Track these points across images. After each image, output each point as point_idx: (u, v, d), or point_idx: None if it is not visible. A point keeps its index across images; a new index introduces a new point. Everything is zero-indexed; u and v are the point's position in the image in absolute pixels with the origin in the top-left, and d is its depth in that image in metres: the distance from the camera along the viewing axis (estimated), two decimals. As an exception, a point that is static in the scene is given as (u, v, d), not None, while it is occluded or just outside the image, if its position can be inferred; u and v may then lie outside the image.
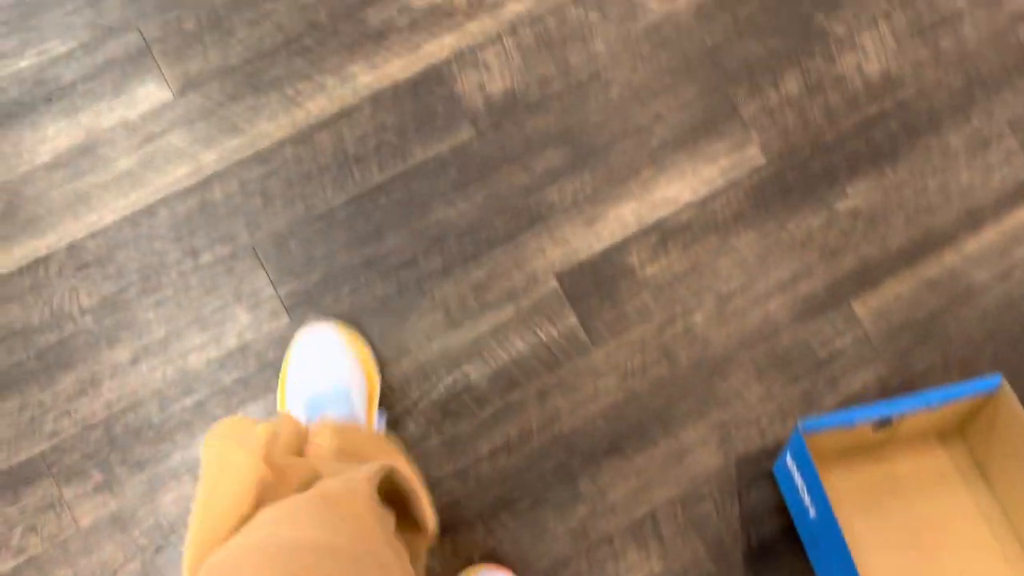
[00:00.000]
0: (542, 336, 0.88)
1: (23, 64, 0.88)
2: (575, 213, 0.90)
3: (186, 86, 0.89)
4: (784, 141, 0.93)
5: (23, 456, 0.83)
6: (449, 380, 0.87)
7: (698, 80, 0.93)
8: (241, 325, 0.86)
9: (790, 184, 0.92)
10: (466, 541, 0.83)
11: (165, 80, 0.89)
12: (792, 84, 0.94)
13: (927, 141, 0.94)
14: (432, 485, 0.84)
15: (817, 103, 0.94)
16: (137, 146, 0.88)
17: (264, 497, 0.49)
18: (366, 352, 0.83)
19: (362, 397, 0.79)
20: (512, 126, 0.91)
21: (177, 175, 0.88)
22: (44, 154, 0.87)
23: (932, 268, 0.92)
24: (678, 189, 0.91)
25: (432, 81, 0.91)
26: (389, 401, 0.85)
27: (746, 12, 0.95)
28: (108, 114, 0.88)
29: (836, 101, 0.94)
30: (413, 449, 0.85)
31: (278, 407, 0.82)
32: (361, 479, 0.52)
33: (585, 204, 0.90)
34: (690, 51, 0.93)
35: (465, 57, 0.92)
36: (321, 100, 0.90)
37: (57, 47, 0.89)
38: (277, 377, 0.85)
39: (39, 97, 0.87)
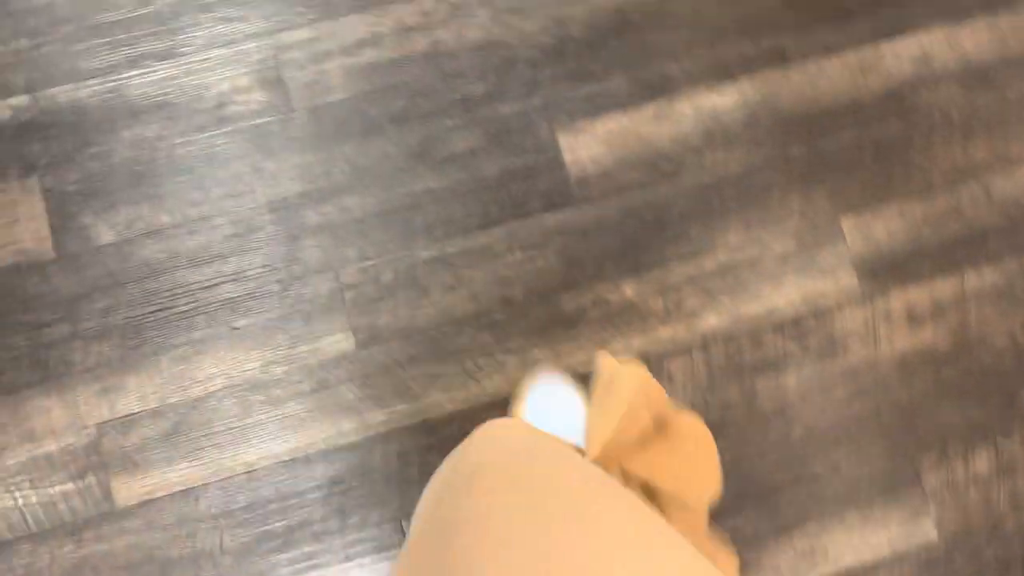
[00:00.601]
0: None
1: (221, 290, 0.87)
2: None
3: (370, 339, 0.87)
4: (962, 521, 0.88)
5: None
6: None
7: (885, 436, 0.89)
8: (373, 599, 0.84)
9: (959, 569, 0.87)
10: None
11: (351, 329, 0.87)
12: (982, 461, 0.89)
13: (1115, 554, 0.88)
14: None
15: (1004, 487, 0.89)
16: (309, 391, 0.87)
17: None
18: None
19: None
20: (684, 446, 0.88)
21: (342, 428, 0.86)
22: (219, 382, 0.86)
23: None
24: (841, 550, 0.87)
25: (613, 382, 0.88)
26: None
27: (950, 374, 0.90)
28: (287, 356, 0.87)
29: (1026, 489, 0.89)
30: None
31: None
32: None
33: (743, 546, 0.87)
34: (884, 404, 0.89)
35: (651, 363, 0.89)
36: (498, 379, 0.88)
37: (253, 275, 0.88)
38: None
39: (225, 324, 0.87)
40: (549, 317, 0.89)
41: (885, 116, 0.92)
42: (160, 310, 0.87)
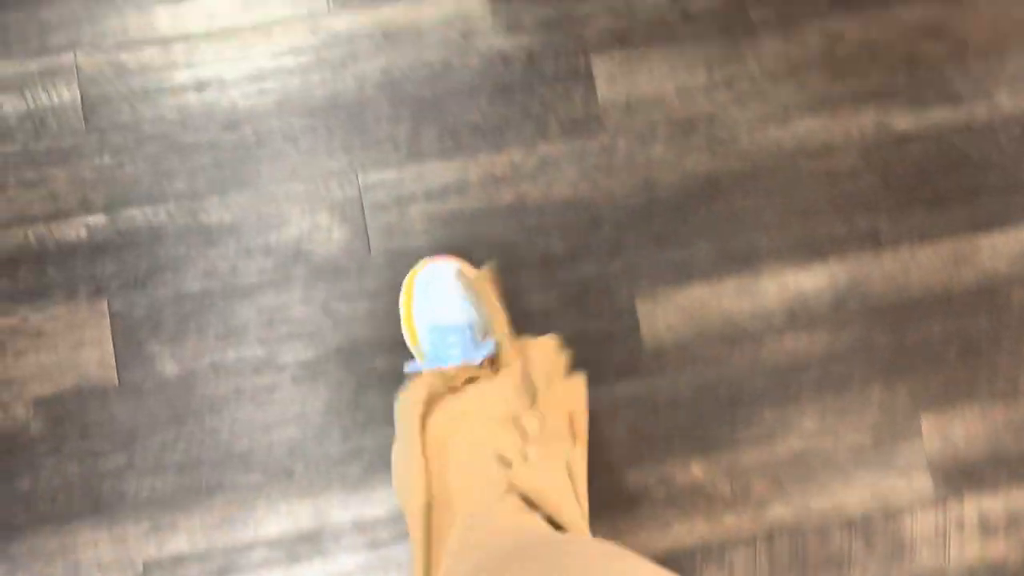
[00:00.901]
0: None
1: (282, 432, 0.86)
2: None
3: (426, 498, 0.85)
4: None
5: None
6: None
7: (947, 650, 0.86)
8: None
9: None
10: None
11: (408, 485, 0.85)
12: None
13: None
14: None
15: None
16: (362, 547, 0.85)
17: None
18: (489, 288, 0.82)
19: (478, 331, 0.78)
20: (738, 639, 0.85)
21: (390, 587, 0.84)
22: (270, 528, 0.85)
23: None
24: None
25: (672, 565, 0.86)
26: None
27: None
28: (343, 508, 0.85)
29: None
30: None
31: (408, 341, 0.82)
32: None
33: None
34: (948, 616, 0.86)
35: (712, 550, 0.86)
36: (554, 552, 0.85)
37: (315, 421, 0.86)
38: None
39: (282, 469, 0.85)
40: (611, 492, 0.86)
41: (975, 312, 0.89)
42: (218, 448, 0.85)
